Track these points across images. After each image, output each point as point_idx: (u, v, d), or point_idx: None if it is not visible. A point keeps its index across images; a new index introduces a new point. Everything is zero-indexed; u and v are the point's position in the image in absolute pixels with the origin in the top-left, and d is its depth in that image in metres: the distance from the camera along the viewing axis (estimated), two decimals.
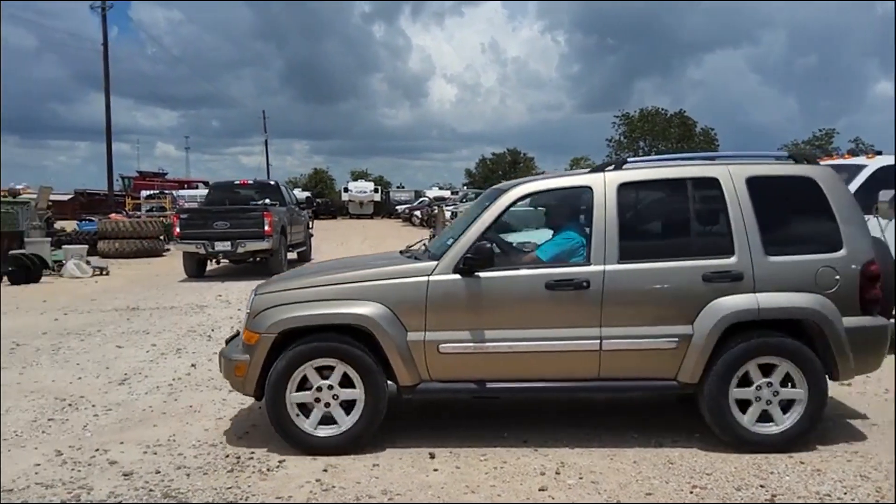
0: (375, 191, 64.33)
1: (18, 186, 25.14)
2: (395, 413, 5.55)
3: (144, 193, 44.06)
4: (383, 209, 61.27)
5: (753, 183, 5.20)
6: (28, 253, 16.89)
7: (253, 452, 5.16)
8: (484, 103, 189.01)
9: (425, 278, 5.13)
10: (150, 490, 4.55)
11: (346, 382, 5.10)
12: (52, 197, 28.71)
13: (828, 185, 5.22)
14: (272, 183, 19.97)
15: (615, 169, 5.36)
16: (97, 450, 5.23)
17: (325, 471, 4.81)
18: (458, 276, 5.11)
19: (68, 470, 4.89)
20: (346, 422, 5.11)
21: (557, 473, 4.73)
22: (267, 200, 17.87)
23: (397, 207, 55.60)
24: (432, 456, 5.04)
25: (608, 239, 5.12)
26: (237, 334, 5.84)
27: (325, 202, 61.65)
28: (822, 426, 5.26)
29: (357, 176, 78.93)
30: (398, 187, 71.99)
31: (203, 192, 49.18)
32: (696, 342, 5.00)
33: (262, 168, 75.49)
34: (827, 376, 5.10)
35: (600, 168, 5.41)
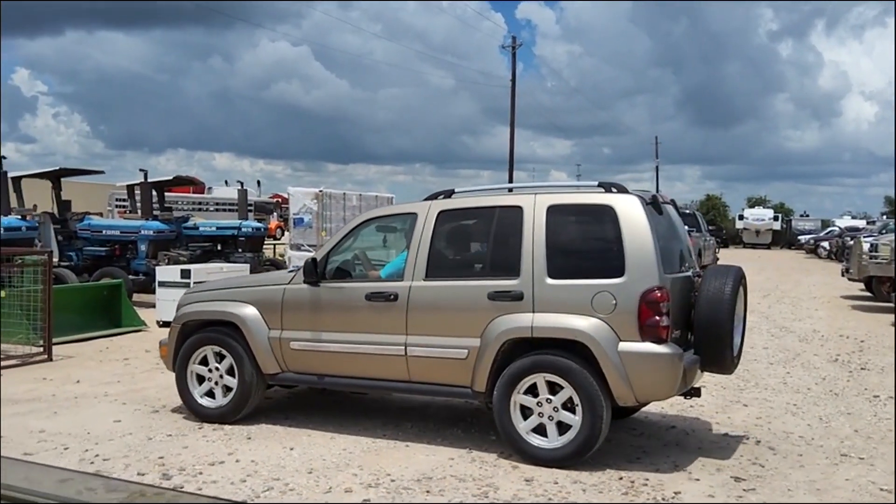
0: (775, 218, 60.03)
1: None
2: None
3: None
4: (782, 238, 56.98)
5: (553, 210, 5.50)
6: None
7: (647, 479, 5.12)
8: None
9: (283, 286, 6.19)
10: (550, 498, 4.77)
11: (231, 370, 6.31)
12: None
13: (626, 213, 5.28)
14: (689, 212, 20.41)
15: (444, 198, 6.01)
16: (502, 452, 5.62)
17: None
18: (305, 286, 6.08)
19: (476, 468, 5.33)
20: (222, 399, 6.34)
21: None
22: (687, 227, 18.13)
23: (800, 237, 51.25)
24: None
25: (419, 258, 5.77)
26: None
27: (717, 229, 59.31)
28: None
29: (754, 203, 74.51)
30: (801, 215, 66.39)
31: None
32: (481, 354, 5.42)
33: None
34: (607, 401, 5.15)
35: (433, 196, 6.05)
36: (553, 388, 5.29)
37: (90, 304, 11.37)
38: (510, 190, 6.57)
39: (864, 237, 17.01)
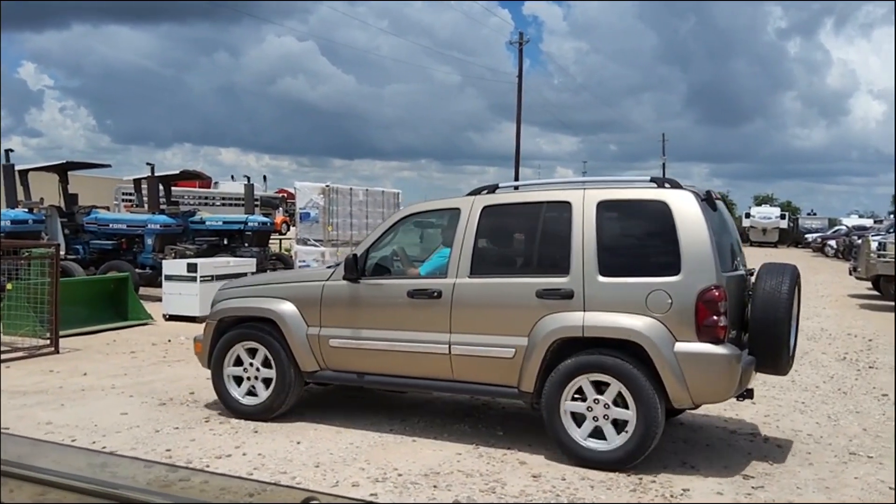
0: (782, 217, 59.82)
1: None
2: None
3: None
4: (789, 237, 56.81)
5: (604, 206, 5.35)
6: None
7: (655, 477, 5.10)
8: None
9: (322, 283, 6.04)
10: (557, 495, 4.75)
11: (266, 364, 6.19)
12: None
13: (680, 209, 5.14)
14: None
15: (488, 193, 5.85)
16: (509, 448, 5.61)
17: None
18: (345, 282, 5.94)
19: (484, 463, 5.32)
20: (263, 394, 6.19)
21: None
22: None
23: (807, 236, 51.09)
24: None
25: (463, 255, 5.64)
26: None
27: None
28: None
29: (761, 201, 74.43)
30: (809, 214, 66.09)
31: None
32: (529, 354, 5.27)
33: None
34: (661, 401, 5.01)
35: (476, 192, 5.90)
36: (602, 389, 5.14)
37: (97, 298, 11.38)
38: (557, 185, 6.20)
39: (872, 236, 16.95)
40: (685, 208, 5.16)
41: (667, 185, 5.40)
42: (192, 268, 11.80)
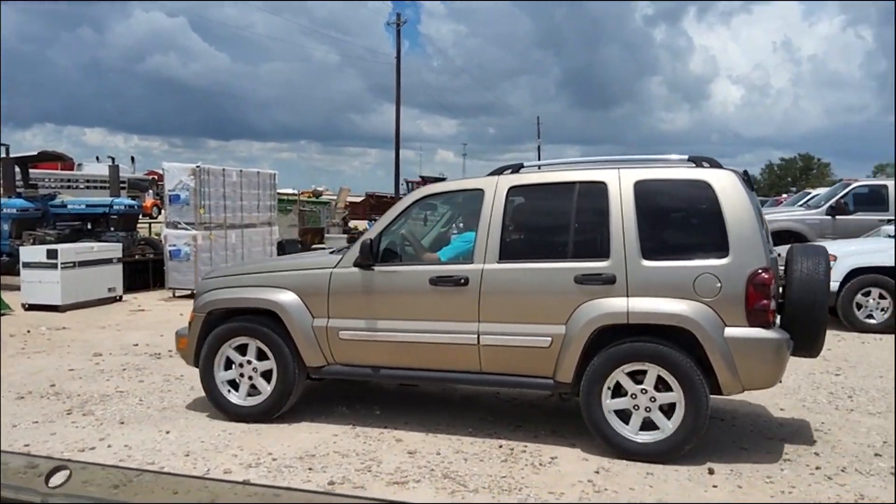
0: None
1: (320, 188, 27.76)
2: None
3: None
4: None
5: (641, 187, 5.11)
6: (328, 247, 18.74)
7: (526, 446, 5.27)
8: (773, 105, 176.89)
9: (329, 270, 5.61)
10: (432, 469, 4.83)
11: (262, 356, 5.75)
12: (348, 198, 31.49)
13: (724, 189, 4.96)
14: None
15: (512, 172, 5.53)
16: (386, 427, 5.66)
17: (598, 472, 4.78)
18: (356, 269, 5.53)
19: (360, 443, 5.34)
20: (256, 397, 5.76)
21: None
22: None
23: None
24: (711, 472, 4.80)
25: (490, 239, 5.30)
26: None
27: None
28: None
29: None
30: None
31: None
32: (567, 343, 5.03)
33: None
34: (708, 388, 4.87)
35: (499, 171, 5.57)
36: (642, 379, 4.96)
37: None
38: (583, 164, 5.70)
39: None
40: (729, 188, 4.98)
41: (705, 164, 5.22)
42: (52, 254, 11.19)
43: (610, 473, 4.78)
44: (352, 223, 29.36)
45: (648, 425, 4.96)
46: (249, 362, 5.78)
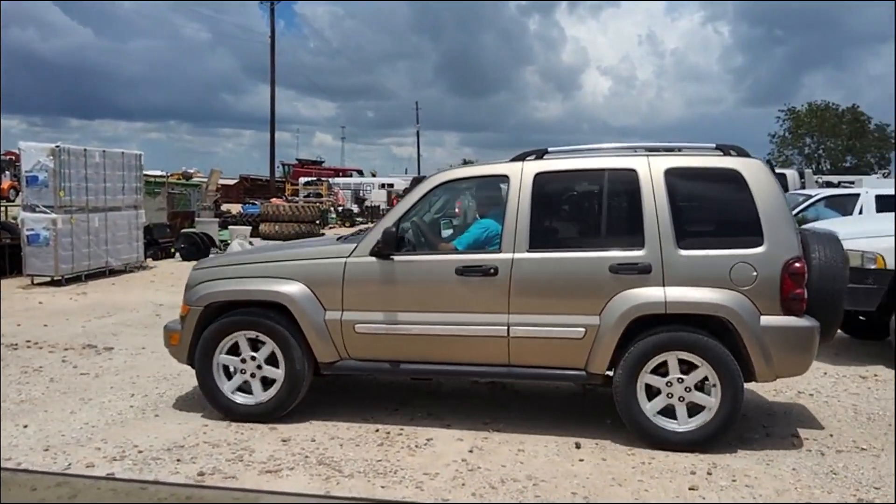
0: None
1: (190, 170, 26.79)
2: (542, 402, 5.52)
3: (302, 180, 46.10)
4: None
5: (672, 175, 5.10)
6: (198, 232, 18.13)
7: (402, 429, 5.32)
8: (639, 96, 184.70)
9: (343, 260, 5.34)
10: (306, 456, 4.79)
11: (265, 351, 5.41)
12: (220, 181, 30.58)
13: (754, 178, 5.01)
14: None
15: (536, 158, 5.38)
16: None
17: (471, 451, 4.88)
18: (373, 259, 5.28)
19: (232, 433, 5.23)
20: (261, 395, 5.42)
21: (709, 474, 4.57)
22: None
23: None
24: (578, 446, 4.99)
25: (519, 227, 5.17)
26: None
27: None
28: None
29: None
30: None
31: (357, 180, 50.66)
32: (602, 333, 4.98)
33: (412, 158, 77.22)
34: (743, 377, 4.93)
35: (521, 157, 5.42)
36: (681, 367, 4.94)
37: None
38: (608, 151, 5.53)
39: None
40: (760, 177, 5.00)
41: (733, 152, 5.19)
42: None
43: (483, 452, 4.89)
44: (224, 206, 28.55)
45: (688, 412, 4.97)
46: (254, 358, 5.44)
